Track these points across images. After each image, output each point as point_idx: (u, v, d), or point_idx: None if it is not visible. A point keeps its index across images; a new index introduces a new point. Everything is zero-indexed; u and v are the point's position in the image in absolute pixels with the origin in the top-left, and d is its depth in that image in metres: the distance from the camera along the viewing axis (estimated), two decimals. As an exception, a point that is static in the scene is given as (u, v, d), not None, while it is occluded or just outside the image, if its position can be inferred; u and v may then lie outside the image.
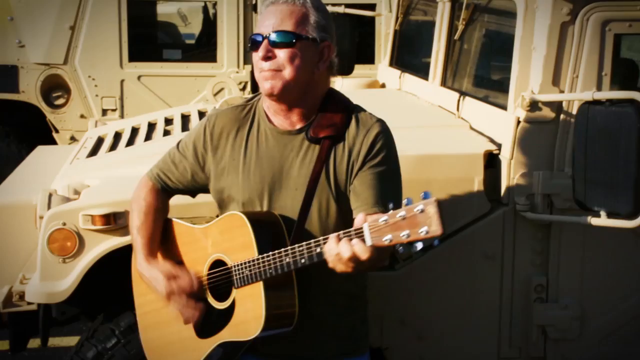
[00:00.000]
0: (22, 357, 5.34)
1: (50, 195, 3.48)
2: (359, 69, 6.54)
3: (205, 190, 2.90)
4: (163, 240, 2.89)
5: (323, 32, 2.69)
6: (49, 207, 3.44)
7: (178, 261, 2.83)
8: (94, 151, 4.33)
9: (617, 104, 3.09)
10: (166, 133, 4.38)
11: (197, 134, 2.86)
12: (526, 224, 3.50)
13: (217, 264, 2.74)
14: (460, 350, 3.61)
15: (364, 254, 2.32)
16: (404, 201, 2.26)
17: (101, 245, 3.39)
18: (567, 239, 3.52)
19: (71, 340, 5.64)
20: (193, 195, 2.99)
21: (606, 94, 3.16)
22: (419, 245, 2.23)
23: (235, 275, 2.65)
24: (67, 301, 3.58)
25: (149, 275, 2.78)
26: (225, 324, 2.69)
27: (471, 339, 3.60)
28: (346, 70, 5.86)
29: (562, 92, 3.42)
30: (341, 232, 2.39)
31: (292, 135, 2.74)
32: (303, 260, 2.49)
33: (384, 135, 2.73)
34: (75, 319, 3.93)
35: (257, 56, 2.68)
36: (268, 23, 2.66)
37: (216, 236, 2.75)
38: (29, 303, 3.61)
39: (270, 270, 2.55)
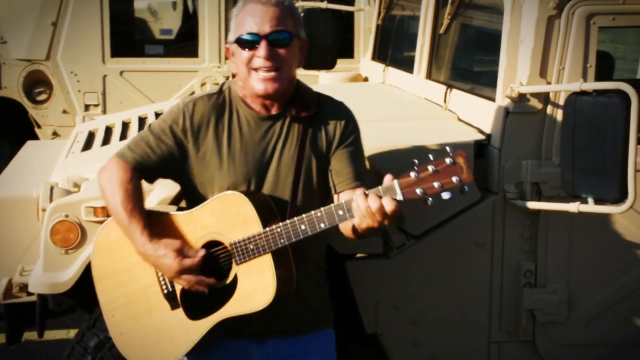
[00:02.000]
0: (10, 350, 5.39)
1: (52, 188, 3.55)
2: (338, 62, 6.63)
3: (175, 175, 2.94)
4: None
5: (302, 29, 2.87)
6: (51, 200, 3.51)
7: None
8: (87, 145, 4.40)
9: (604, 94, 3.21)
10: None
11: (175, 119, 2.88)
12: (515, 212, 3.60)
13: (208, 245, 2.81)
14: (453, 335, 3.71)
15: (390, 205, 2.55)
16: (430, 156, 2.52)
17: (103, 236, 3.45)
18: (555, 225, 3.63)
19: (56, 334, 5.70)
20: (151, 180, 2.97)
21: (593, 85, 3.28)
22: (447, 195, 2.52)
23: (237, 251, 2.75)
24: (64, 292, 3.65)
25: (155, 255, 2.76)
26: (225, 300, 2.77)
27: (463, 324, 3.70)
28: (329, 65, 5.96)
29: (549, 83, 3.53)
30: (365, 190, 2.60)
31: (272, 119, 2.88)
32: (323, 225, 2.66)
33: (353, 117, 2.97)
34: (71, 310, 3.99)
35: (246, 54, 2.78)
36: (260, 22, 2.75)
37: (207, 218, 2.80)
38: (28, 294, 3.68)
39: (282, 240, 2.69)
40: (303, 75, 6.08)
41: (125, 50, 7.57)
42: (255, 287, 2.75)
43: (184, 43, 8.22)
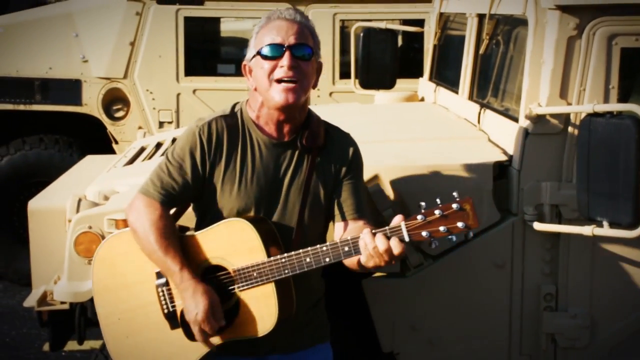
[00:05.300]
0: (65, 357, 5.59)
1: (79, 200, 3.69)
2: (408, 83, 6.64)
3: (199, 197, 2.94)
4: None
5: (319, 52, 2.94)
6: (77, 211, 3.65)
7: None
8: (132, 160, 4.55)
9: (617, 116, 3.16)
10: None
11: (192, 143, 2.88)
12: (535, 234, 3.55)
13: (211, 269, 2.85)
14: (471, 357, 3.68)
15: (398, 248, 2.65)
16: (437, 200, 2.67)
17: (124, 248, 3.57)
18: (576, 248, 3.57)
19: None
20: (181, 207, 3.05)
21: (606, 107, 3.23)
22: (454, 238, 2.68)
23: (240, 278, 2.80)
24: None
25: (191, 293, 2.78)
26: (226, 324, 2.81)
27: (481, 346, 3.67)
28: (388, 84, 6.00)
29: (569, 104, 3.49)
30: (373, 229, 2.71)
31: (284, 146, 2.92)
32: (328, 259, 2.75)
33: (358, 149, 3.04)
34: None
35: (268, 65, 2.80)
36: (285, 34, 2.82)
37: (211, 243, 2.85)
38: (62, 302, 3.82)
39: (286, 271, 2.76)
40: (360, 95, 6.19)
41: (198, 69, 7.75)
42: (258, 314, 2.81)
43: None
